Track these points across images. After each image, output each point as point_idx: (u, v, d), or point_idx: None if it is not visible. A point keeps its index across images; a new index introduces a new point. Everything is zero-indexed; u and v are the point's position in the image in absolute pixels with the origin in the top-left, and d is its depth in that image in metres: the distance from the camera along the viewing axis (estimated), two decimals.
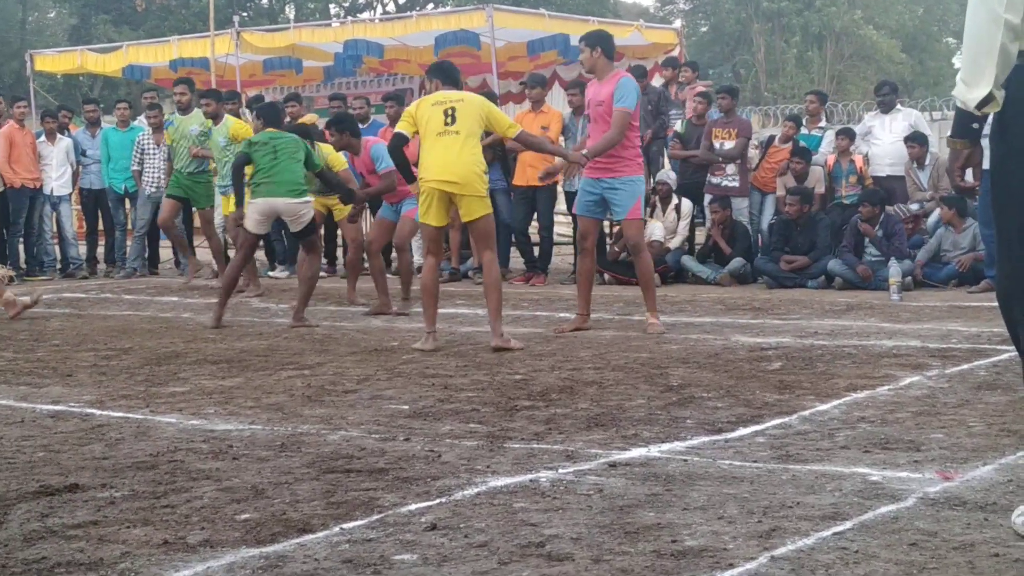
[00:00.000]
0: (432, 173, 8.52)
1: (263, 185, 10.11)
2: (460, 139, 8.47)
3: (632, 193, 9.17)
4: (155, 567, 3.83)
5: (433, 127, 8.54)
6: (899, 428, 5.66)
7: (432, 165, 8.52)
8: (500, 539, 4.03)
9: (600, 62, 9.28)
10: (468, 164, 8.47)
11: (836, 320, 9.78)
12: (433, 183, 8.52)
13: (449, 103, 8.61)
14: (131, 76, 22.23)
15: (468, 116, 8.54)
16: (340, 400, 6.71)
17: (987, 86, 3.83)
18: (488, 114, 8.68)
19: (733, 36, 56.20)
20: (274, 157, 10.11)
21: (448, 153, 8.47)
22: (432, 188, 8.53)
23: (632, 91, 9.11)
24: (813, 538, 3.96)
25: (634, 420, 5.98)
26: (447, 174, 8.47)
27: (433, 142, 8.53)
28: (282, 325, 10.22)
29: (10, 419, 6.38)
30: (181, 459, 5.34)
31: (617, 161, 9.12)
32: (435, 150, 8.52)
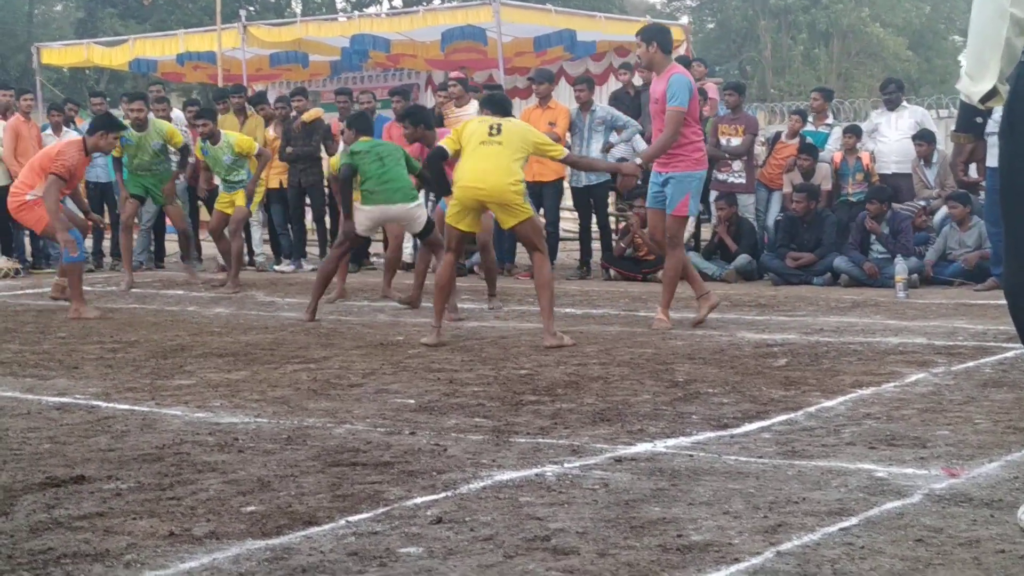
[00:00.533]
0: (465, 179, 8.54)
1: (378, 192, 10.06)
2: (500, 150, 8.49)
3: (682, 188, 9.09)
4: (161, 558, 3.84)
5: (477, 138, 8.59)
6: (905, 425, 5.65)
7: (467, 171, 8.55)
8: (506, 533, 4.03)
9: (657, 57, 9.22)
10: (502, 175, 8.45)
11: (842, 317, 9.78)
12: (464, 188, 8.54)
13: (496, 121, 8.69)
14: (137, 70, 22.23)
15: (514, 134, 8.58)
16: (346, 394, 6.72)
17: (991, 80, 3.82)
18: (534, 137, 8.74)
19: (740, 33, 56.17)
20: (382, 164, 10.07)
21: (485, 161, 8.49)
22: (464, 195, 8.56)
23: (683, 88, 9.01)
24: (819, 534, 3.96)
25: (640, 415, 5.98)
26: (478, 181, 8.47)
27: (473, 150, 8.56)
28: (288, 319, 10.22)
29: (16, 411, 6.39)
30: (187, 451, 5.34)
31: (673, 156, 9.08)
32: (473, 157, 8.55)
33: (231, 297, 12.10)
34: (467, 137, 8.66)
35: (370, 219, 10.20)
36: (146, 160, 13.35)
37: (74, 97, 21.68)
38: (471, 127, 8.74)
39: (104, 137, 11.05)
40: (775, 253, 12.95)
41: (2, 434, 5.79)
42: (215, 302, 11.63)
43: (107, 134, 11.07)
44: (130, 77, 35.73)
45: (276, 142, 15.05)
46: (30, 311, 11.11)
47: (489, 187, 8.47)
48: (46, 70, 23.58)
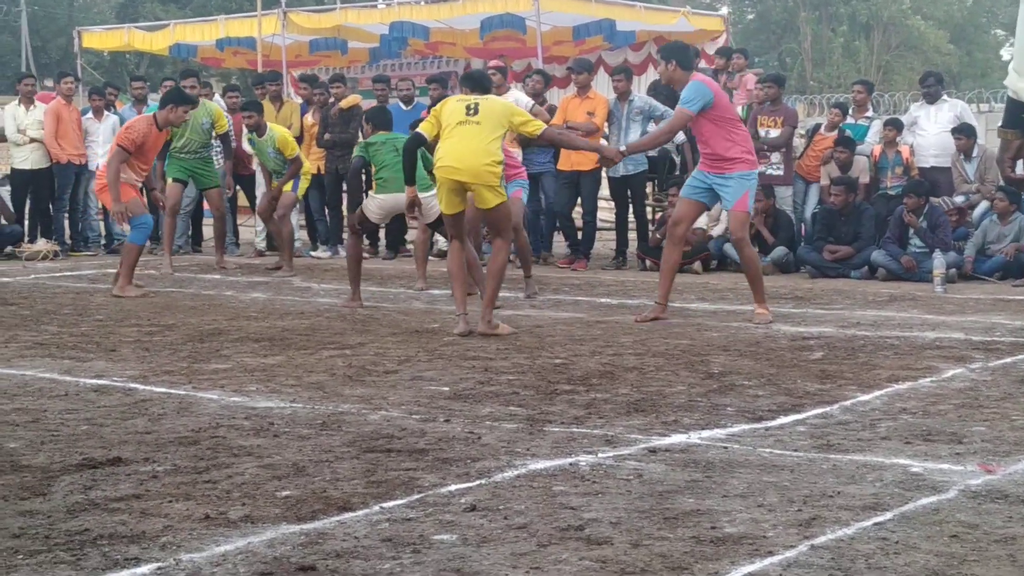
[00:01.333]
0: (444, 160, 8.52)
1: (392, 181, 10.01)
2: (477, 129, 8.44)
3: (742, 187, 9.03)
4: (196, 541, 3.86)
5: (454, 118, 8.55)
6: (941, 420, 5.63)
7: (445, 153, 8.53)
8: (539, 522, 4.04)
9: (676, 74, 9.20)
10: (480, 154, 8.42)
11: (879, 311, 9.73)
12: (443, 169, 8.53)
13: (473, 100, 8.65)
14: (177, 55, 22.32)
15: (491, 111, 8.53)
16: (381, 380, 6.74)
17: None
18: (511, 114, 8.67)
19: (780, 24, 55.95)
20: (397, 154, 10.03)
21: (462, 142, 8.45)
22: (443, 176, 8.54)
23: (696, 92, 8.94)
24: (853, 528, 3.95)
25: (674, 406, 5.97)
26: (456, 161, 8.45)
27: (451, 131, 8.53)
28: (324, 305, 10.26)
29: (54, 392, 6.44)
30: (223, 435, 5.38)
31: (725, 161, 9.00)
32: (451, 138, 8.52)
33: (272, 280, 12.16)
34: (445, 117, 8.62)
35: (382, 208, 10.20)
36: (195, 140, 13.41)
37: (114, 81, 21.82)
38: (449, 107, 8.67)
39: (174, 111, 11.25)
40: (812, 246, 12.90)
41: (40, 415, 5.84)
42: (252, 287, 11.68)
43: (176, 107, 11.27)
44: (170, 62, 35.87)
45: (314, 128, 15.09)
46: (68, 293, 11.19)
47: (467, 167, 8.42)
48: (86, 54, 23.72)
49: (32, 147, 15.31)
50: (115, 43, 22.90)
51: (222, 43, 20.53)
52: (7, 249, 15.16)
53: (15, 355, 7.69)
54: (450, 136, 8.52)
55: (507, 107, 8.76)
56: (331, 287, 11.61)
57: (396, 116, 14.26)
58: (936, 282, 11.18)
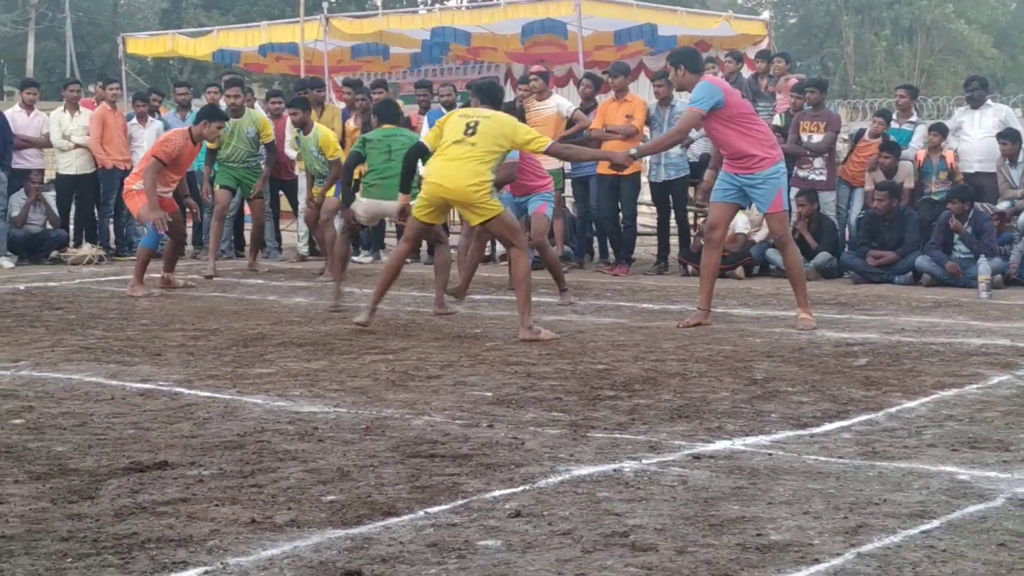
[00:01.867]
0: (432, 176, 8.71)
1: (376, 186, 10.12)
2: (471, 150, 8.56)
3: (773, 186, 8.98)
4: (243, 545, 3.89)
5: (453, 135, 8.68)
6: (988, 427, 5.59)
7: (435, 169, 8.70)
8: (584, 528, 4.04)
9: (687, 78, 9.21)
10: (467, 176, 8.54)
11: (923, 317, 9.67)
12: (429, 184, 8.70)
13: (476, 117, 8.76)
14: (221, 60, 22.45)
15: (489, 132, 8.62)
16: (424, 385, 6.75)
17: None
18: (513, 132, 8.72)
19: (822, 28, 55.71)
20: (388, 157, 10.09)
21: (453, 161, 8.59)
22: (428, 191, 8.72)
23: (705, 91, 8.93)
24: (900, 536, 3.93)
25: (718, 413, 5.96)
26: (443, 179, 8.61)
27: (446, 147, 8.68)
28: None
29: (100, 396, 6.49)
30: (268, 440, 5.40)
31: (749, 159, 8.96)
32: (444, 155, 8.67)
33: (312, 286, 12.20)
34: (447, 131, 8.75)
35: (366, 211, 10.26)
36: (241, 148, 13.61)
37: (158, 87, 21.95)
38: (452, 121, 8.81)
39: (207, 126, 11.65)
40: (856, 251, 12.83)
41: (87, 419, 5.88)
42: (294, 292, 11.73)
43: (210, 123, 11.67)
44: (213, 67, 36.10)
45: (356, 133, 15.12)
46: (114, 298, 11.27)
47: (452, 186, 8.58)
48: (130, 60, 23.89)
49: (77, 152, 15.42)
50: (159, 49, 23.07)
51: (265, 49, 20.63)
52: (53, 254, 15.29)
53: (62, 359, 7.75)
54: (443, 153, 8.69)
55: (509, 126, 8.79)
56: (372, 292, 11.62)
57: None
58: (981, 288, 11.11)
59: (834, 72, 50.32)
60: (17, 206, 15.10)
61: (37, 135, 15.52)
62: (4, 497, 4.46)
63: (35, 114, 15.67)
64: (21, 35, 51.94)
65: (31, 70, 48.29)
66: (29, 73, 45.36)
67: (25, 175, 15.23)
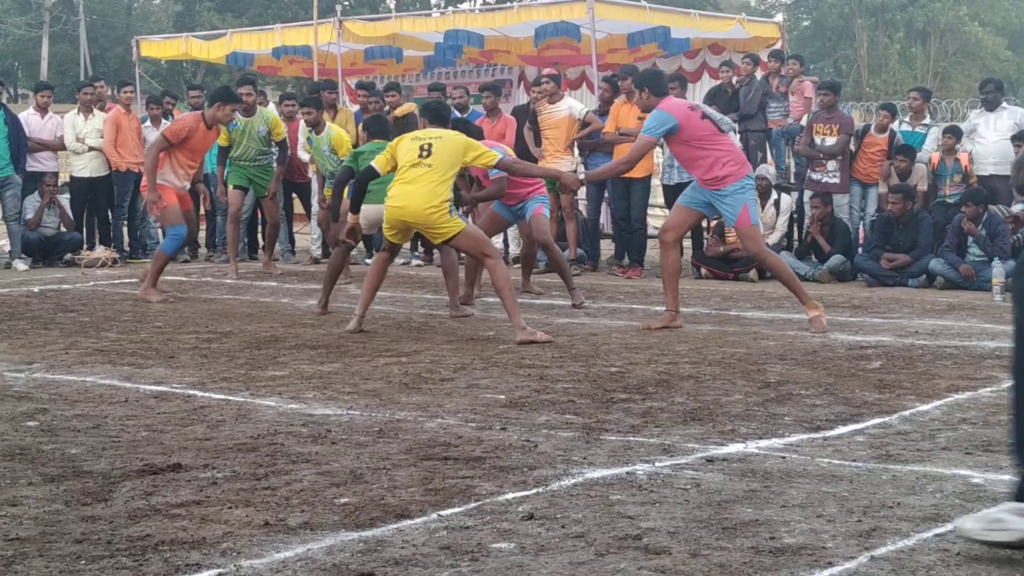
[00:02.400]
0: (391, 200, 8.87)
1: (375, 192, 9.87)
2: (427, 172, 8.72)
3: (738, 200, 8.94)
4: (256, 547, 3.89)
5: (408, 158, 8.84)
6: (1002, 431, 5.56)
7: (396, 194, 8.85)
8: (597, 531, 4.04)
9: (651, 101, 9.25)
10: (424, 198, 8.69)
11: (937, 320, 9.66)
12: (390, 209, 8.89)
13: (428, 139, 8.91)
14: (234, 63, 22.51)
15: (444, 152, 8.79)
16: (437, 388, 6.76)
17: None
18: (466, 149, 8.90)
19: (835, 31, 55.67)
20: None
21: (410, 185, 8.76)
22: (390, 215, 8.91)
23: (656, 120, 9.00)
24: (914, 539, 3.93)
25: (731, 415, 5.95)
26: (402, 202, 8.77)
27: (403, 171, 8.84)
28: (379, 312, 10.29)
29: (114, 398, 6.50)
30: (281, 442, 5.41)
31: (713, 178, 8.95)
32: (402, 180, 8.83)
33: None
34: (401, 156, 8.92)
35: (367, 219, 10.12)
36: (252, 147, 13.60)
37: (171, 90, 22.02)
38: (404, 145, 8.95)
39: (221, 108, 11.42)
40: (870, 254, 12.81)
41: (101, 421, 5.90)
42: (308, 294, 11.74)
43: (223, 105, 11.45)
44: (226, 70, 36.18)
45: None
46: (128, 300, 11.29)
47: (411, 210, 8.76)
48: (144, 62, 23.94)
49: (91, 155, 15.47)
50: (173, 52, 23.10)
51: (278, 52, 20.66)
52: (67, 256, 15.33)
53: (76, 361, 7.77)
54: (402, 177, 8.88)
55: (461, 144, 8.94)
56: (386, 295, 11.65)
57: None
58: (995, 291, 11.09)
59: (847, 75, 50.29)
60: (31, 209, 15.15)
61: (51, 138, 15.58)
62: (18, 499, 4.48)
63: (49, 117, 15.73)
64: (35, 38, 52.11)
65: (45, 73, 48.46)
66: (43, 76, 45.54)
67: (39, 178, 15.29)
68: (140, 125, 15.74)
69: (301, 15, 37.29)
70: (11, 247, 15.12)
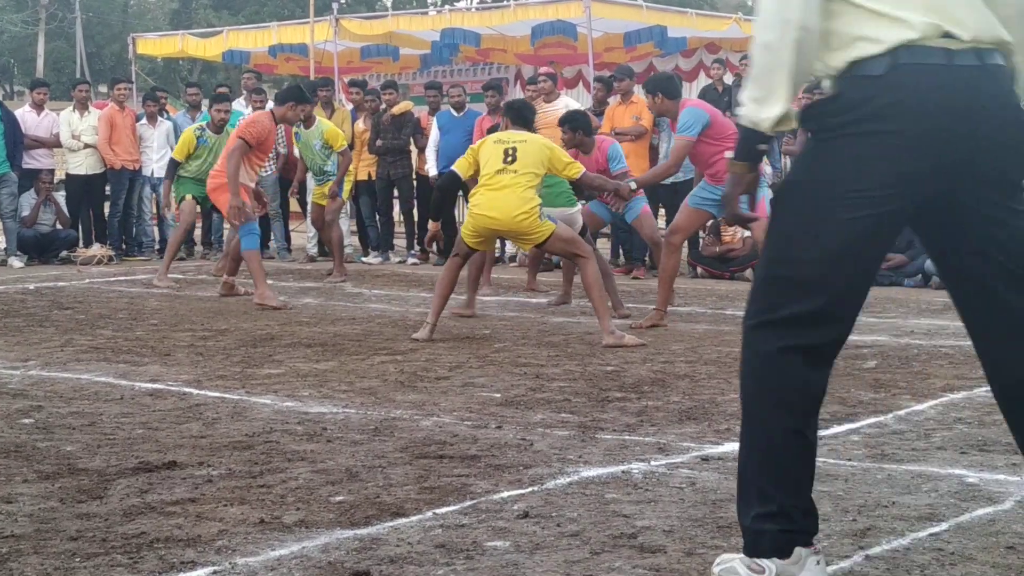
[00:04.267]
0: (479, 208, 8.62)
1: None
2: (514, 179, 8.51)
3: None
4: (252, 545, 3.89)
5: (493, 164, 8.63)
6: (997, 430, 5.57)
7: (482, 202, 8.60)
8: (592, 529, 4.04)
9: (665, 105, 9.27)
10: (514, 205, 8.49)
11: (933, 319, 9.66)
12: (477, 217, 8.64)
13: (512, 142, 8.72)
14: (231, 61, 22.50)
15: (528, 157, 8.59)
16: (433, 386, 6.76)
17: (782, 103, 3.31)
18: (551, 157, 8.72)
19: None
20: None
21: (498, 192, 8.54)
22: (477, 223, 8.66)
23: (692, 117, 8.95)
24: (909, 538, 3.93)
25: (727, 414, 5.95)
26: (492, 210, 8.55)
27: (489, 178, 8.62)
28: (375, 310, 10.29)
29: (110, 396, 6.50)
30: (276, 440, 5.41)
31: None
32: (489, 186, 8.61)
33: (321, 287, 12.20)
34: (484, 160, 8.72)
35: None
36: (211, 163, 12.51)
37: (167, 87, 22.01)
38: (487, 150, 8.74)
39: (293, 108, 11.17)
40: None
41: (96, 419, 5.89)
42: (304, 292, 11.74)
43: (296, 106, 11.19)
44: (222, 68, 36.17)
45: (365, 134, 15.16)
46: (123, 298, 11.29)
47: (502, 217, 8.53)
48: (140, 60, 23.94)
49: (86, 152, 15.47)
50: (169, 49, 23.11)
51: (275, 50, 20.67)
52: (62, 254, 15.33)
53: (71, 359, 7.77)
54: (488, 183, 8.63)
55: (547, 150, 8.75)
56: (382, 293, 11.67)
57: (447, 123, 14.39)
58: None
59: None
60: (27, 206, 15.16)
61: (47, 135, 15.58)
62: (13, 496, 4.47)
63: (45, 114, 15.73)
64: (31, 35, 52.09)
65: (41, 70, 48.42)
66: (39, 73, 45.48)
67: (35, 175, 15.27)
68: (135, 122, 15.72)
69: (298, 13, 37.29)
70: (7, 244, 15.12)
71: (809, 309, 3.39)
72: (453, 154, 12.90)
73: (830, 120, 3.30)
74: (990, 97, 3.25)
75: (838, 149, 3.28)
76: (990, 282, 3.37)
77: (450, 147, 13.79)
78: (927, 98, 3.20)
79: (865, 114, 3.24)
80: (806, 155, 3.41)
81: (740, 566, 3.40)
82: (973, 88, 3.23)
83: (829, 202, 3.29)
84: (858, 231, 3.28)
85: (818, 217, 3.31)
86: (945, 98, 3.21)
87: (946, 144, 3.21)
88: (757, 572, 3.35)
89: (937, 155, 3.22)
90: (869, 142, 3.24)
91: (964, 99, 3.22)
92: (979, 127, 3.22)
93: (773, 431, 3.35)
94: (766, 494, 3.34)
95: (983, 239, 3.30)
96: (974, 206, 3.28)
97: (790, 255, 3.36)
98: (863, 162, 3.24)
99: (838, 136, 3.28)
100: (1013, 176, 3.31)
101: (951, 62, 3.22)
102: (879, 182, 3.23)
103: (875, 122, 3.23)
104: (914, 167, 3.22)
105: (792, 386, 3.37)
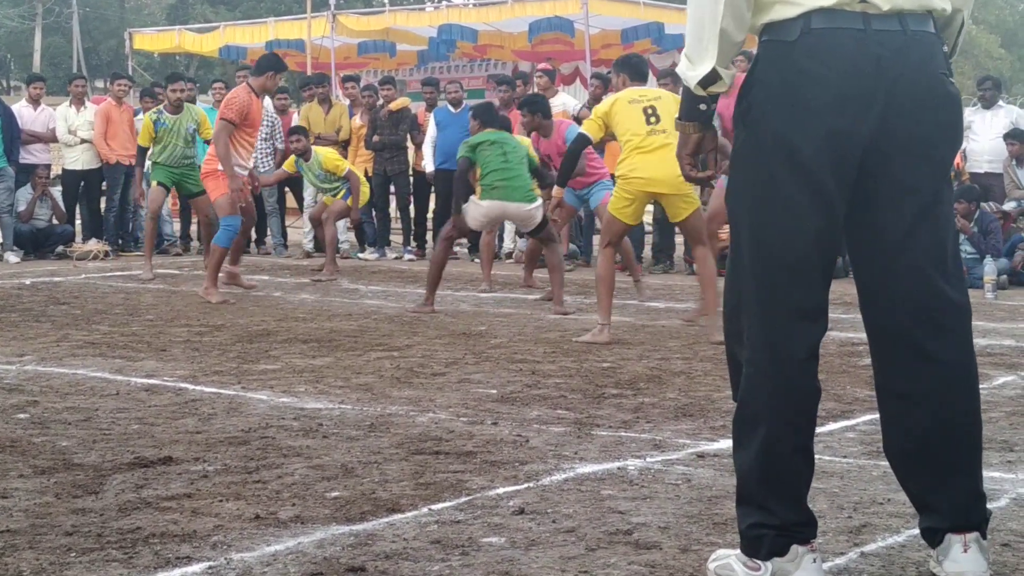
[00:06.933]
0: (637, 172, 8.11)
1: (499, 188, 9.75)
2: (666, 138, 7.91)
3: None
4: (247, 541, 3.89)
5: (635, 126, 8.15)
6: (992, 428, 5.57)
7: (639, 165, 8.10)
8: (588, 525, 4.04)
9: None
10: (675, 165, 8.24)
11: None
12: (636, 182, 8.16)
13: (647, 101, 8.27)
14: (227, 56, 22.51)
15: (669, 115, 7.98)
16: (429, 382, 6.76)
17: (710, 63, 3.29)
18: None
19: None
20: (505, 159, 9.80)
21: (657, 154, 8.01)
22: (636, 188, 8.19)
23: None
24: (904, 535, 3.93)
25: (723, 411, 5.95)
26: (651, 173, 8.06)
27: (641, 141, 8.14)
28: (371, 306, 10.28)
29: (106, 391, 6.49)
30: (272, 436, 5.41)
31: None
32: (642, 149, 8.11)
33: (317, 284, 12.20)
34: (623, 123, 8.20)
35: (487, 216, 9.92)
36: (179, 147, 12.56)
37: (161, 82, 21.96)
38: (622, 111, 8.22)
39: (272, 78, 10.93)
40: None
41: (92, 414, 5.89)
42: (300, 288, 11.74)
43: (275, 75, 10.95)
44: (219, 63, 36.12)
45: (362, 130, 15.17)
46: (119, 293, 11.28)
47: (665, 179, 8.00)
48: (137, 55, 23.91)
49: (83, 148, 15.46)
50: (166, 45, 23.11)
51: (271, 45, 20.64)
52: (58, 249, 15.31)
53: (67, 354, 7.76)
54: (640, 147, 8.11)
55: (675, 103, 8.58)
56: (378, 289, 11.66)
57: (444, 119, 14.38)
58: (987, 288, 11.10)
59: None
60: (23, 201, 15.13)
61: (43, 130, 15.56)
62: (8, 491, 4.47)
63: (41, 109, 15.71)
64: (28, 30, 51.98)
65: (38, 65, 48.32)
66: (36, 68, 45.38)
67: (32, 170, 15.25)
68: (133, 118, 15.70)
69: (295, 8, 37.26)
70: (3, 239, 15.09)
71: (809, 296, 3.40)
72: (450, 150, 12.96)
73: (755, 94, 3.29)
74: (909, 64, 3.21)
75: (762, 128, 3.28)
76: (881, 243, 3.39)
77: (447, 143, 13.80)
78: (837, 64, 3.17)
79: (777, 83, 3.23)
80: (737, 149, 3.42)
81: (736, 562, 3.40)
82: (891, 54, 3.19)
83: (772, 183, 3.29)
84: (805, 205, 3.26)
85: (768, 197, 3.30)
86: (857, 64, 3.17)
87: (861, 110, 3.19)
88: (753, 569, 3.35)
89: (852, 121, 3.19)
90: (783, 116, 3.23)
91: (879, 65, 3.18)
92: (894, 95, 3.19)
93: (782, 449, 3.33)
94: (768, 509, 3.33)
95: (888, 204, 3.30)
96: (884, 174, 3.27)
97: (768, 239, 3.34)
98: (782, 138, 3.23)
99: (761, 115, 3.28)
100: (922, 147, 3.28)
101: (868, 27, 3.18)
102: (804, 156, 3.22)
103: (788, 93, 3.22)
104: (828, 135, 3.20)
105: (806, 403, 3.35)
